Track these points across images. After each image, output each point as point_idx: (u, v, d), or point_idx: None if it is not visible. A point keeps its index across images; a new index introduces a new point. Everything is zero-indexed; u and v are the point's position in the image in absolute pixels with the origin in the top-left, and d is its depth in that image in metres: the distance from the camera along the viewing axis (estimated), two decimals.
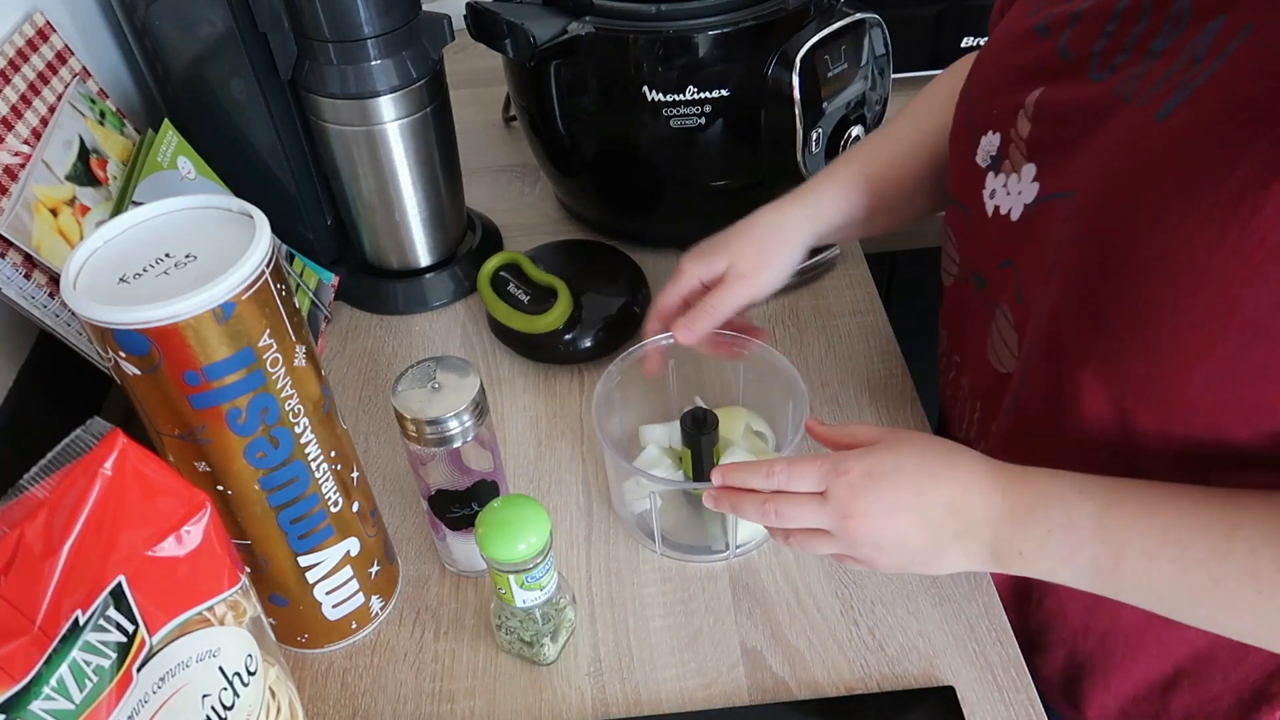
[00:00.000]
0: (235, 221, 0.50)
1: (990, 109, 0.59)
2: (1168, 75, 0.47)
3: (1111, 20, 0.51)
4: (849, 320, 0.85)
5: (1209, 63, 0.45)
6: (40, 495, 0.41)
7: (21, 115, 0.68)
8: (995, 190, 0.58)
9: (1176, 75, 0.47)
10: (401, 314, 0.90)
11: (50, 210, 0.66)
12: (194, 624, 0.47)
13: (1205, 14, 0.47)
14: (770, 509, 0.55)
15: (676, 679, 0.62)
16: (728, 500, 0.57)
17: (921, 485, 0.52)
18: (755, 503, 0.55)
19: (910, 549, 0.53)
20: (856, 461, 0.53)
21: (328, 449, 0.56)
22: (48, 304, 0.64)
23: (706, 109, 0.79)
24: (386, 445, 0.78)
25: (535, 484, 0.74)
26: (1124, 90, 0.49)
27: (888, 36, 0.82)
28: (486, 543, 0.56)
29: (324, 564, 0.59)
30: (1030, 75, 0.55)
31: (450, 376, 0.60)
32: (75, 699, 0.41)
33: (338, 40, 0.75)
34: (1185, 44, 0.47)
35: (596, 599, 0.66)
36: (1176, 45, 0.47)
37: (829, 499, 0.53)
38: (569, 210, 0.99)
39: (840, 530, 0.53)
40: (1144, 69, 0.49)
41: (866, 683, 0.60)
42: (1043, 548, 0.50)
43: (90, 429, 0.45)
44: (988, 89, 0.60)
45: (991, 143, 0.58)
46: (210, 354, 0.47)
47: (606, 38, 0.78)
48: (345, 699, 0.62)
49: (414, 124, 0.81)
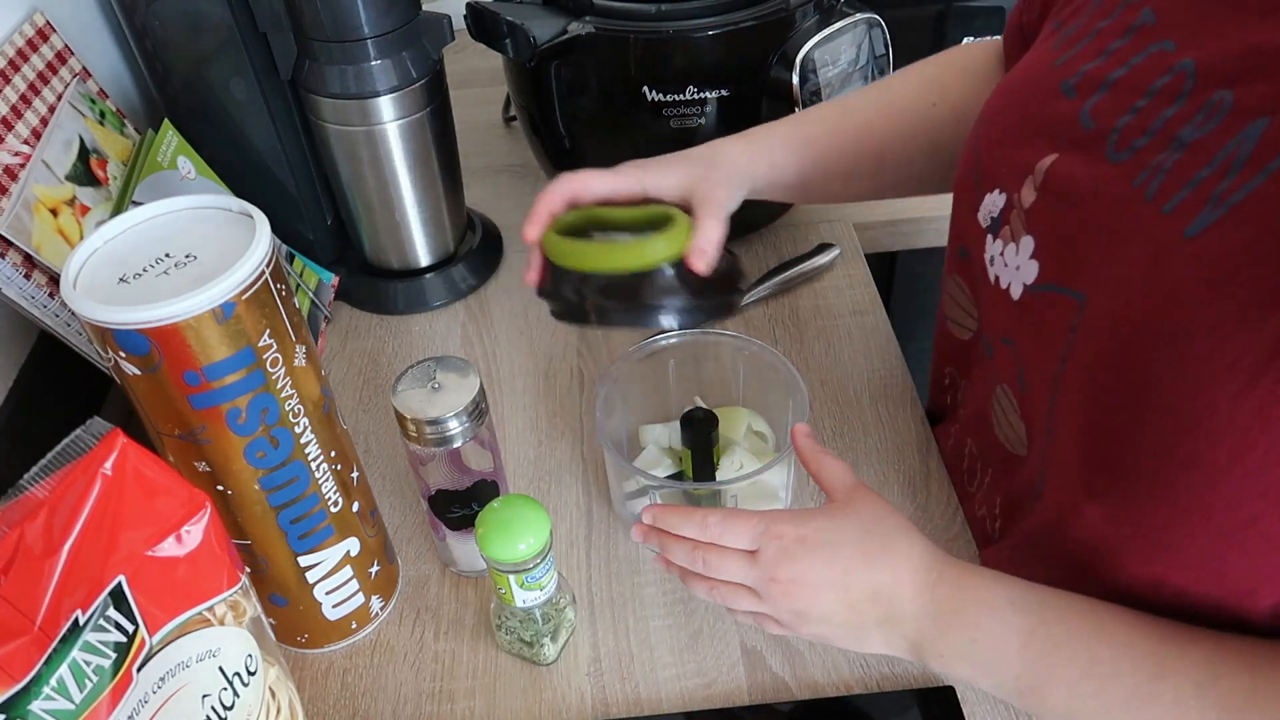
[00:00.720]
0: (235, 221, 0.50)
1: (998, 163, 0.54)
2: (1197, 179, 0.42)
3: (1144, 96, 0.46)
4: (849, 320, 0.85)
5: (1249, 175, 0.40)
6: (40, 495, 0.41)
7: (21, 115, 0.68)
8: (994, 257, 0.55)
9: (1209, 182, 0.41)
10: (401, 314, 0.90)
11: (50, 210, 0.66)
12: (194, 624, 0.47)
13: (1249, 111, 0.41)
14: (699, 557, 0.54)
15: (676, 679, 0.62)
16: (656, 539, 0.56)
17: (852, 566, 0.51)
18: (685, 548, 0.54)
19: (832, 624, 0.52)
20: (792, 526, 0.52)
21: (328, 449, 0.56)
22: (48, 304, 0.64)
23: (706, 109, 0.79)
24: (386, 445, 0.78)
25: (535, 484, 0.74)
26: (1146, 185, 0.44)
27: (888, 36, 0.82)
28: (486, 543, 0.56)
29: (324, 564, 0.59)
30: (1044, 134, 0.51)
31: (450, 376, 0.60)
32: (75, 699, 0.41)
33: (338, 40, 0.75)
34: (1221, 143, 0.41)
35: (596, 599, 0.66)
36: (1209, 141, 0.42)
37: (759, 558, 0.52)
38: None
39: (765, 592, 0.52)
40: (1168, 161, 0.43)
41: (866, 683, 0.60)
42: (965, 656, 0.49)
43: (90, 429, 0.45)
44: (998, 138, 0.55)
45: (995, 203, 0.54)
46: (210, 354, 0.47)
47: (606, 38, 0.78)
48: (345, 699, 0.62)
49: (414, 124, 0.81)
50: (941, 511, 0.70)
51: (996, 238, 0.54)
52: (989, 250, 0.55)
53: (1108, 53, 0.49)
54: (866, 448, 0.75)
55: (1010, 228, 0.53)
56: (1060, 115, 0.50)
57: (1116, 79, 0.48)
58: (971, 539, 0.68)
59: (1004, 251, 0.53)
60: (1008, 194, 0.53)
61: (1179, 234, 0.42)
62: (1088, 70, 0.50)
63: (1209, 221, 0.41)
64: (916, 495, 0.71)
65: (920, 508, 0.70)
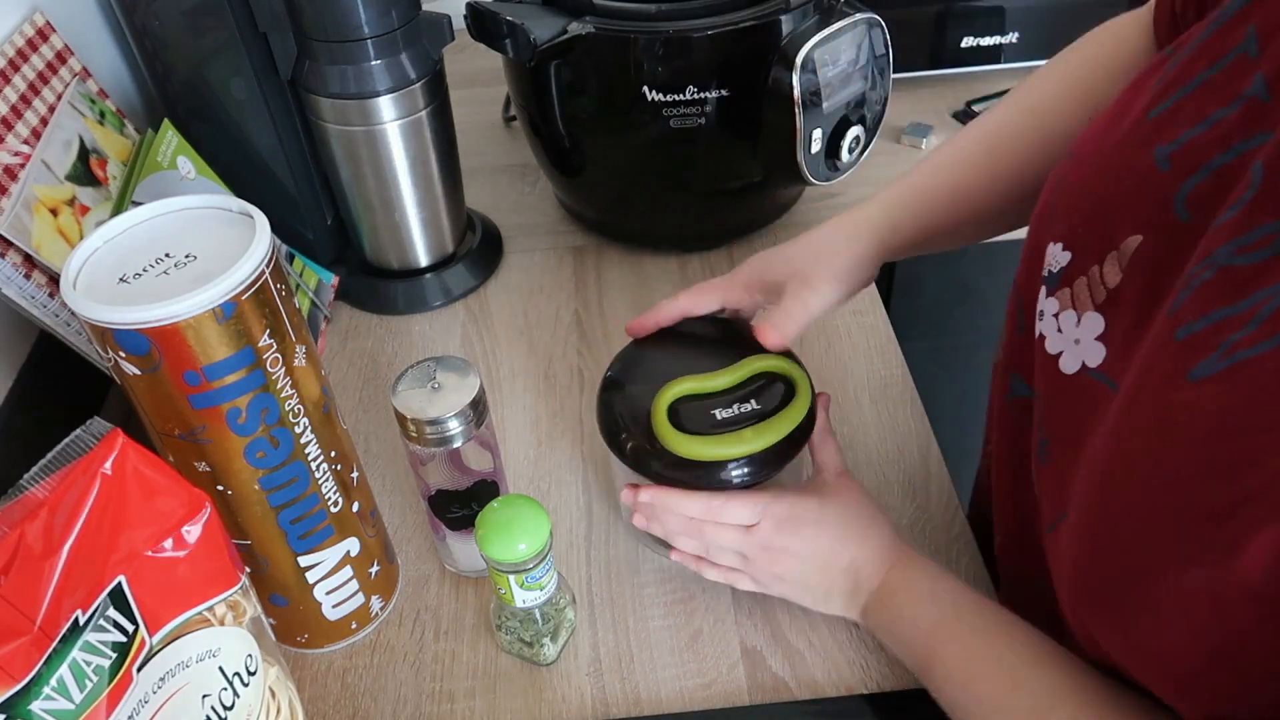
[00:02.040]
0: (235, 221, 0.50)
1: (1072, 216, 0.48)
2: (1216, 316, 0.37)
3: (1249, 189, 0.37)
4: (849, 320, 0.85)
5: (1268, 334, 0.35)
6: (40, 495, 0.41)
7: (21, 115, 0.68)
8: (1044, 313, 0.49)
9: (1229, 324, 0.36)
10: (401, 314, 0.90)
11: (50, 210, 0.66)
12: (194, 624, 0.47)
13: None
14: (697, 526, 0.60)
15: (676, 679, 0.62)
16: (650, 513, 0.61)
17: (834, 542, 0.59)
18: (684, 524, 0.60)
19: (803, 587, 0.60)
20: (788, 506, 0.59)
21: (328, 449, 0.56)
22: (48, 304, 0.64)
23: (706, 109, 0.79)
24: (386, 445, 0.78)
25: (535, 484, 0.74)
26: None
27: (888, 36, 0.82)
28: (486, 543, 0.56)
29: (324, 564, 0.59)
30: (1131, 205, 0.44)
31: (450, 376, 0.60)
32: (75, 699, 0.41)
33: (337, 40, 0.75)
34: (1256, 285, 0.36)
35: (596, 599, 0.66)
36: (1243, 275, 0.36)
37: (755, 531, 0.58)
38: (569, 210, 0.99)
39: (753, 556, 0.59)
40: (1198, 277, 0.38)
41: (866, 683, 0.60)
42: (888, 630, 0.57)
43: (90, 429, 0.45)
44: (1081, 188, 0.48)
45: (1057, 258, 0.48)
46: (210, 354, 0.47)
47: (606, 38, 0.78)
48: (345, 699, 0.62)
49: (414, 124, 0.81)
50: (941, 511, 0.70)
51: (1052, 296, 0.48)
52: (1041, 304, 0.50)
53: (1211, 121, 0.41)
54: (866, 448, 0.75)
55: (1074, 294, 0.47)
56: (1151, 190, 0.43)
57: (1221, 167, 0.39)
58: (972, 538, 0.68)
59: (1059, 314, 0.48)
60: (1073, 254, 0.47)
61: (1183, 374, 0.38)
62: (1188, 141, 0.41)
63: (1215, 369, 0.36)
64: (916, 495, 0.71)
65: (920, 508, 0.70)
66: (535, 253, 0.96)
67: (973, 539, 0.68)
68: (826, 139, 0.82)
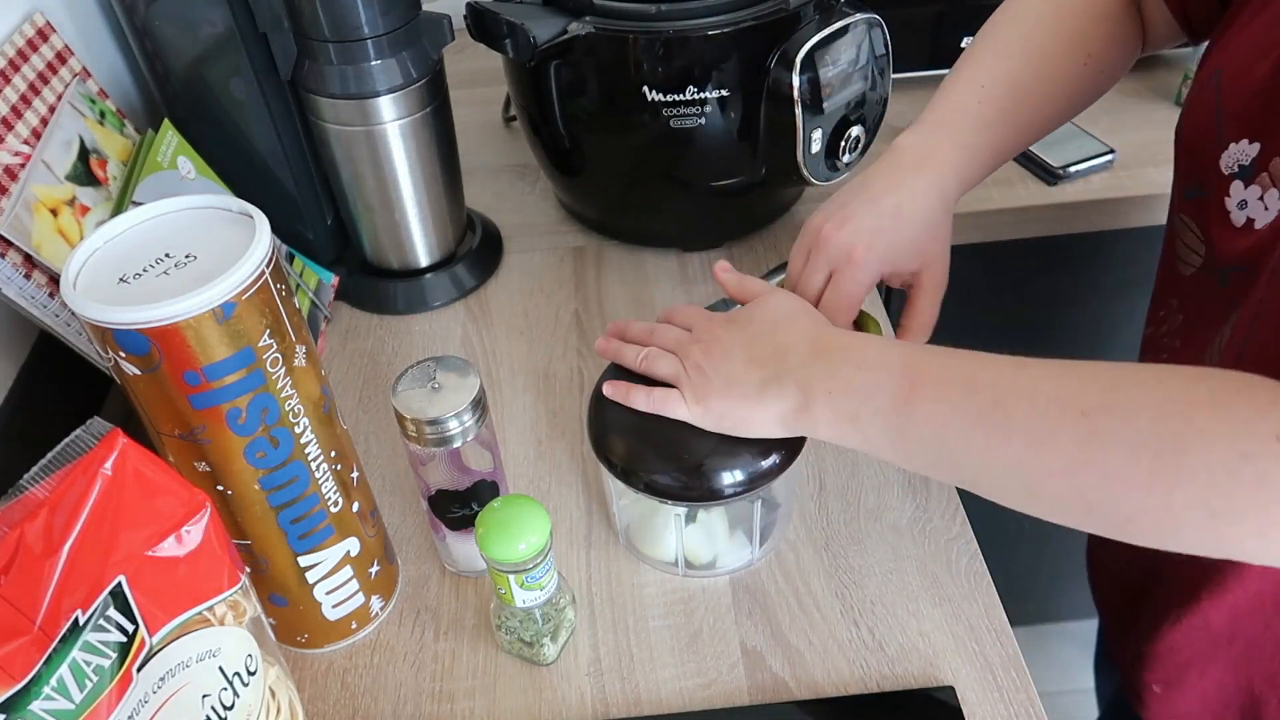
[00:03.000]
0: (235, 221, 0.50)
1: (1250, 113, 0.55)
2: None
3: None
4: None
5: None
6: (40, 495, 0.41)
7: (21, 115, 0.68)
8: (1247, 201, 0.55)
9: None
10: (401, 314, 0.90)
11: (50, 210, 0.66)
12: (194, 624, 0.47)
13: None
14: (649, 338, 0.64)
15: (676, 679, 0.62)
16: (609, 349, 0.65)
17: (761, 330, 0.59)
18: (634, 350, 0.64)
19: (734, 383, 0.58)
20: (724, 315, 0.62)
21: (328, 449, 0.56)
22: (48, 304, 0.64)
23: (706, 109, 0.79)
24: (386, 445, 0.78)
25: (535, 484, 0.74)
26: None
27: (888, 36, 0.82)
28: (486, 543, 0.56)
29: (324, 564, 0.59)
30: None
31: (450, 376, 0.60)
32: (75, 699, 0.41)
33: (338, 40, 0.75)
34: None
35: (596, 599, 0.66)
36: None
37: (692, 332, 0.62)
38: (569, 210, 0.99)
39: (684, 353, 0.60)
40: None
41: (866, 683, 0.60)
42: (849, 385, 0.54)
43: (90, 429, 0.45)
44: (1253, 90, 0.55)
45: (1244, 152, 0.55)
46: (210, 354, 0.47)
47: (606, 38, 0.78)
48: (345, 699, 0.62)
49: (414, 124, 0.81)
50: (941, 511, 0.70)
51: (1249, 184, 0.55)
52: (1234, 194, 0.56)
53: None
54: None
55: (1272, 174, 0.53)
56: None
57: None
58: (972, 538, 0.68)
59: (1264, 196, 0.54)
60: (1261, 142, 0.54)
61: None
62: None
63: None
64: (916, 495, 0.71)
65: (920, 508, 0.70)
66: (535, 252, 0.96)
67: (973, 539, 0.68)
68: (826, 139, 0.82)
